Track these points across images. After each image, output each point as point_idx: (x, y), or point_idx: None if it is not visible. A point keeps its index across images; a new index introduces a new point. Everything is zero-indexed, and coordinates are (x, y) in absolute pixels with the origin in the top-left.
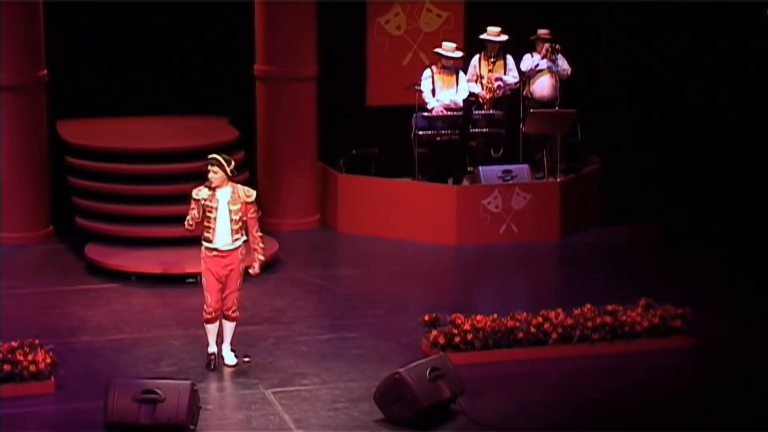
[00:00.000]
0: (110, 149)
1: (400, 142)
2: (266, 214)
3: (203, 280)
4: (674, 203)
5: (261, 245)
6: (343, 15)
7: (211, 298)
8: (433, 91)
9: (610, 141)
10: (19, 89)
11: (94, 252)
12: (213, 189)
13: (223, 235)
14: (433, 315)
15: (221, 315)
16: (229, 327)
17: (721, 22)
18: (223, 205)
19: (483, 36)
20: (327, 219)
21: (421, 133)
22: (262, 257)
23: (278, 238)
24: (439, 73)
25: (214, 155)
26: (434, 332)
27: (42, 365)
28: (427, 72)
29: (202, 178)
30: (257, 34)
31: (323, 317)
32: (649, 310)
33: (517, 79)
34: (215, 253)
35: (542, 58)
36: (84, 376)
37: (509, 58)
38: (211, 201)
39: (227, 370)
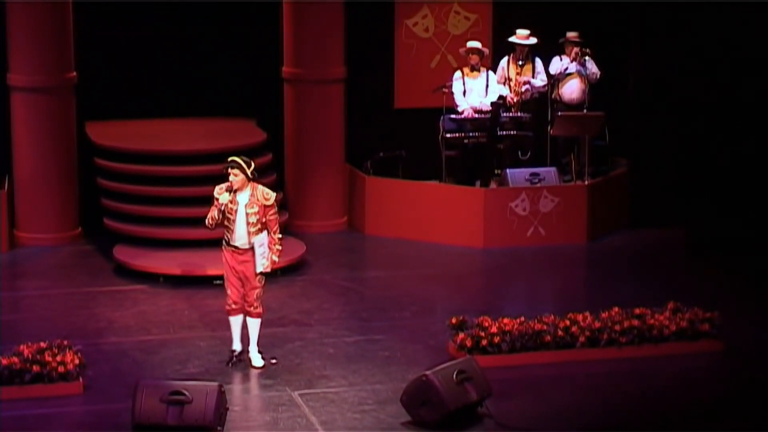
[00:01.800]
0: (139, 151)
1: (427, 144)
2: (293, 216)
3: (224, 273)
4: (703, 206)
5: (278, 247)
6: (371, 17)
7: (230, 291)
8: (464, 93)
9: (639, 144)
10: (49, 91)
11: (123, 253)
12: (234, 191)
13: (240, 236)
14: (461, 318)
15: (243, 309)
16: (253, 324)
17: (750, 23)
18: (242, 208)
19: (511, 39)
20: (354, 221)
21: (448, 135)
22: (275, 258)
23: (305, 240)
24: (469, 74)
25: (234, 158)
26: (461, 335)
27: (70, 366)
28: (458, 74)
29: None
30: (285, 36)
31: (350, 319)
32: (677, 313)
33: (545, 83)
34: (233, 249)
35: (571, 62)
36: (112, 377)
37: (538, 61)
38: (231, 203)
39: (254, 372)
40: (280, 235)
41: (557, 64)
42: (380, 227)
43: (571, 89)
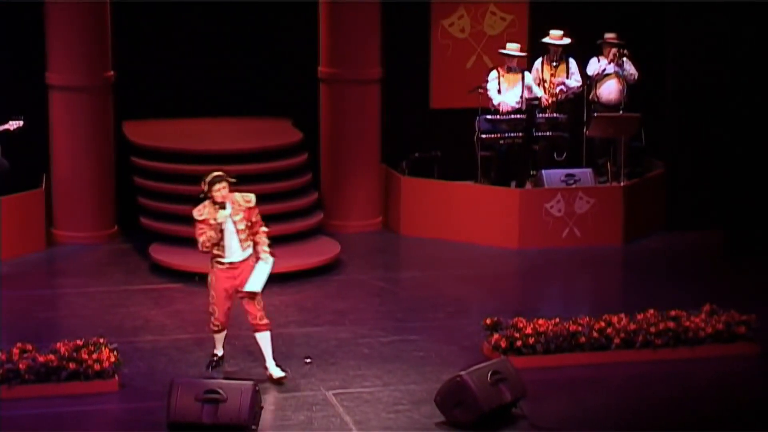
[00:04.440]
0: (175, 150)
1: (463, 145)
2: (329, 215)
3: (212, 293)
4: (739, 208)
5: (266, 239)
6: (407, 17)
7: (218, 312)
8: (499, 92)
9: (675, 145)
10: (87, 90)
11: (159, 252)
12: (223, 206)
13: (233, 249)
14: (495, 318)
15: (226, 327)
16: (264, 339)
17: None
18: (228, 220)
19: (545, 39)
20: (390, 221)
21: (484, 136)
22: (267, 249)
23: (341, 240)
24: (505, 74)
25: (215, 173)
26: (496, 336)
27: (106, 364)
28: (494, 73)
29: (264, 179)
30: (322, 36)
31: (385, 319)
32: (713, 315)
33: (579, 83)
34: (227, 266)
35: (609, 63)
36: (147, 375)
37: (572, 62)
38: (218, 218)
39: (288, 371)
40: (266, 228)
41: (595, 66)
42: (415, 227)
43: (609, 90)
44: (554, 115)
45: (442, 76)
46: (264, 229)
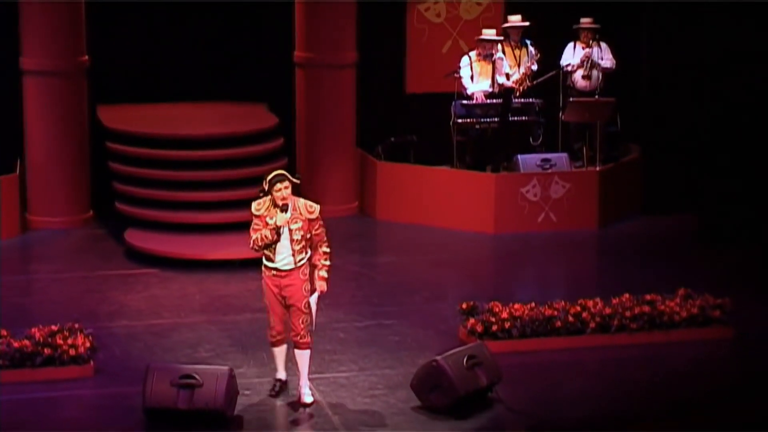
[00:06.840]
0: (150, 135)
1: (438, 129)
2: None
3: (265, 300)
4: (714, 193)
5: (326, 262)
6: (383, 2)
7: (273, 320)
8: (472, 78)
9: (651, 130)
10: (60, 75)
11: (134, 237)
12: (284, 209)
13: (284, 256)
14: (471, 303)
15: (287, 339)
16: (302, 357)
17: (765, 11)
18: (285, 225)
19: (507, 24)
20: (365, 206)
21: (459, 120)
22: (325, 274)
23: None
24: (478, 60)
25: (277, 171)
26: (472, 320)
27: (81, 349)
28: (465, 60)
29: (239, 164)
30: (297, 20)
31: (361, 304)
32: (688, 300)
33: (536, 66)
34: (274, 272)
35: (584, 48)
36: (123, 360)
37: (530, 46)
38: (278, 221)
39: (265, 357)
40: (328, 249)
41: (569, 56)
42: (391, 212)
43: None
44: (530, 100)
45: (417, 60)
46: (326, 249)
